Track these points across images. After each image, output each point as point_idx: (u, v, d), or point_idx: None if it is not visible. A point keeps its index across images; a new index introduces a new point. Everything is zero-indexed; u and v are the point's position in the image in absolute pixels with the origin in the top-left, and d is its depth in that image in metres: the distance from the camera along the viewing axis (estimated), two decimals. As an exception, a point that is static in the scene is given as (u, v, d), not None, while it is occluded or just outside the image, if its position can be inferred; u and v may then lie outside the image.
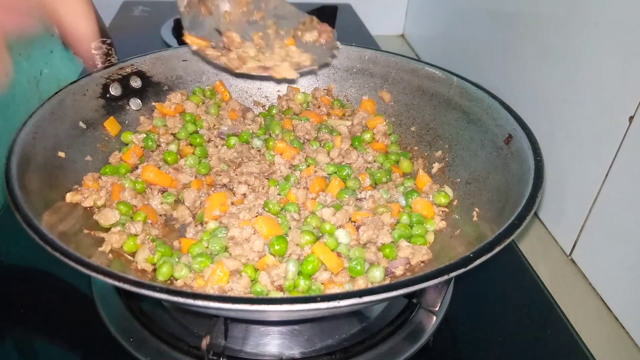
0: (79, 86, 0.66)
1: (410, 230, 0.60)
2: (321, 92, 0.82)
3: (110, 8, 1.43)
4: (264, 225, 0.55)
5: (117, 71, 0.71)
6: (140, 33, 1.29)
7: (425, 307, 0.59)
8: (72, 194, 0.58)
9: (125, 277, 0.40)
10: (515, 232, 0.46)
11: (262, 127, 0.77)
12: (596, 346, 0.62)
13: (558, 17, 0.80)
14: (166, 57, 0.76)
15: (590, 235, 0.75)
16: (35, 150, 0.56)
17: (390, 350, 0.55)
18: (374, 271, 0.53)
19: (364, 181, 0.68)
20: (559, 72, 0.79)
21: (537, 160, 0.54)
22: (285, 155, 0.71)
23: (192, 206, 0.65)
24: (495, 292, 0.69)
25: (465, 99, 0.69)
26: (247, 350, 0.55)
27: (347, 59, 0.81)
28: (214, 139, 0.75)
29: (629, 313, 0.68)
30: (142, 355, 0.53)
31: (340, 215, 0.59)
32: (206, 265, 0.52)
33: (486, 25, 1.04)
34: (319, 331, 0.57)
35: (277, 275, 0.52)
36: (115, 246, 0.55)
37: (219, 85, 0.80)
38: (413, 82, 0.76)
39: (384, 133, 0.75)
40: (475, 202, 0.60)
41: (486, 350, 0.60)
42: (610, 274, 0.71)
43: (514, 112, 0.62)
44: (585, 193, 0.74)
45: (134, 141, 0.69)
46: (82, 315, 0.60)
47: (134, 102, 0.73)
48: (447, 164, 0.69)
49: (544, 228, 0.85)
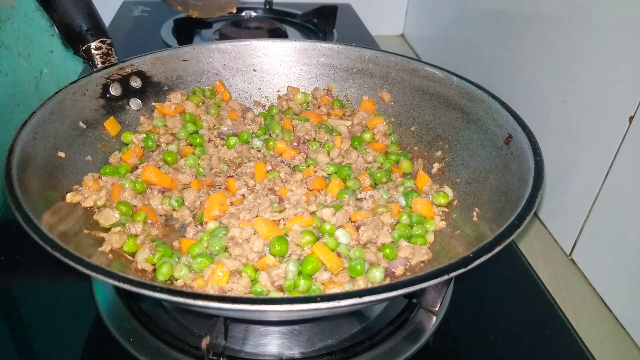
0: (79, 86, 0.66)
1: (410, 230, 0.60)
2: (321, 92, 0.82)
3: (110, 8, 1.43)
4: (264, 226, 0.55)
5: (117, 71, 0.71)
6: (140, 33, 1.30)
7: (425, 307, 0.59)
8: (73, 194, 0.58)
9: (125, 277, 0.40)
10: (515, 232, 0.45)
11: (262, 127, 0.77)
12: (596, 346, 0.62)
13: (558, 17, 0.80)
14: (166, 57, 0.76)
15: (590, 235, 0.75)
16: (35, 150, 0.56)
17: (390, 350, 0.55)
18: (374, 271, 0.53)
19: (364, 181, 0.68)
20: (559, 72, 0.79)
21: (537, 160, 0.54)
22: (285, 155, 0.71)
23: (192, 206, 0.65)
24: (495, 292, 0.69)
25: (465, 99, 0.69)
26: (247, 350, 0.55)
27: (347, 59, 0.81)
28: (214, 139, 0.75)
29: (629, 313, 0.68)
30: (142, 355, 0.53)
31: (340, 215, 0.59)
32: (206, 265, 0.52)
33: (486, 25, 1.04)
34: (319, 331, 0.57)
35: (277, 276, 0.52)
36: (115, 246, 0.55)
37: (219, 85, 0.80)
38: (413, 82, 0.76)
39: (384, 133, 0.75)
40: (475, 202, 0.60)
41: (486, 350, 0.60)
42: (610, 274, 0.71)
43: (514, 112, 0.62)
44: (585, 193, 0.74)
45: (134, 141, 0.69)
46: (82, 316, 0.60)
47: (134, 102, 0.73)
48: (447, 164, 0.69)
49: (544, 228, 0.85)
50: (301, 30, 1.35)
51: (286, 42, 0.82)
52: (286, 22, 1.38)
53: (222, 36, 1.20)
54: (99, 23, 0.70)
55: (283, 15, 1.41)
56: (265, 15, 1.42)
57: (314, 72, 0.83)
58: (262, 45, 0.82)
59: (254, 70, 0.82)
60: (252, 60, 0.82)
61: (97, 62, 0.70)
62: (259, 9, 1.43)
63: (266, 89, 0.84)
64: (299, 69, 0.83)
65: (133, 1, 1.49)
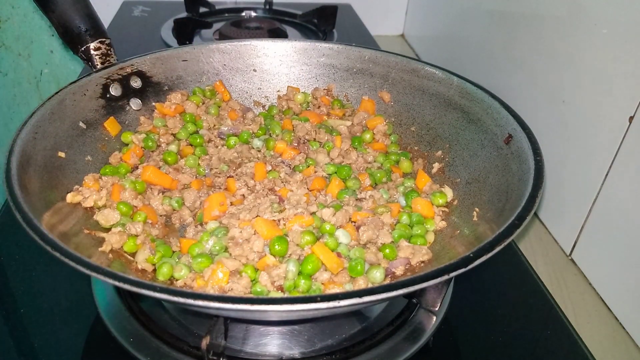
0: (79, 86, 0.66)
1: (410, 230, 0.60)
2: (321, 92, 0.82)
3: (110, 8, 1.43)
4: (264, 226, 0.55)
5: (117, 71, 0.71)
6: (140, 33, 1.30)
7: (425, 307, 0.59)
8: (73, 194, 0.58)
9: (125, 277, 0.40)
10: (515, 232, 0.45)
11: (262, 127, 0.77)
12: (596, 346, 0.62)
13: (558, 17, 0.80)
14: (166, 57, 0.76)
15: (590, 235, 0.75)
16: (35, 150, 0.56)
17: (390, 350, 0.55)
18: (374, 272, 0.53)
19: (364, 181, 0.68)
20: (559, 72, 0.79)
21: (537, 160, 0.54)
22: (285, 156, 0.71)
23: (192, 206, 0.65)
24: (495, 292, 0.69)
25: (465, 99, 0.69)
26: (247, 350, 0.55)
27: (347, 59, 0.81)
28: (214, 139, 0.75)
29: (629, 313, 0.68)
30: (142, 355, 0.53)
31: (340, 215, 0.59)
32: (206, 265, 0.52)
33: (486, 25, 1.04)
34: (319, 331, 0.57)
35: (277, 276, 0.52)
36: (116, 246, 0.55)
37: (219, 85, 0.80)
38: (413, 82, 0.76)
39: (384, 133, 0.75)
40: (475, 202, 0.60)
41: (486, 350, 0.60)
42: (610, 274, 0.71)
43: (514, 112, 0.62)
44: (585, 193, 0.74)
45: (134, 141, 0.69)
46: (82, 316, 0.60)
47: (134, 102, 0.73)
48: (447, 164, 0.69)
49: (544, 228, 0.85)
50: (301, 30, 1.35)
51: (286, 42, 0.82)
52: (286, 22, 1.38)
53: (222, 36, 1.20)
54: (97, 23, 0.70)
55: (283, 15, 1.42)
56: (265, 15, 1.42)
57: (314, 72, 0.83)
58: (262, 45, 0.82)
59: (254, 70, 0.82)
60: (252, 60, 0.82)
61: (96, 63, 0.70)
62: (259, 9, 1.43)
63: (266, 89, 0.84)
64: (299, 69, 0.83)
65: (133, 1, 1.49)
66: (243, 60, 0.82)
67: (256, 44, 0.82)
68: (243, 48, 0.81)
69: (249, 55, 0.82)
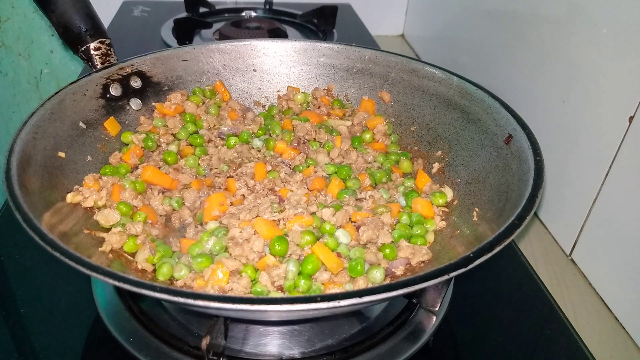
0: (79, 86, 0.66)
1: (410, 230, 0.60)
2: (321, 92, 0.82)
3: (110, 8, 1.43)
4: (264, 226, 0.55)
5: (117, 71, 0.71)
6: (140, 33, 1.30)
7: (425, 307, 0.59)
8: (73, 194, 0.58)
9: (125, 277, 0.40)
10: (515, 232, 0.45)
11: (262, 127, 0.77)
12: (596, 346, 0.62)
13: (558, 17, 0.80)
14: (166, 57, 0.76)
15: (590, 235, 0.75)
16: (35, 150, 0.56)
17: (390, 350, 0.55)
18: (374, 272, 0.53)
19: (364, 181, 0.68)
20: (559, 72, 0.79)
21: (537, 160, 0.54)
22: (285, 156, 0.71)
23: (192, 206, 0.65)
24: (495, 292, 0.69)
25: (465, 99, 0.69)
26: (247, 350, 0.55)
27: (347, 59, 0.81)
28: (214, 139, 0.75)
29: (629, 313, 0.68)
30: (142, 355, 0.53)
31: (340, 215, 0.59)
32: (206, 265, 0.52)
33: (486, 25, 1.04)
34: (319, 331, 0.57)
35: (277, 276, 0.52)
36: (116, 246, 0.55)
37: (219, 85, 0.80)
38: (413, 82, 0.76)
39: (384, 133, 0.75)
40: (475, 202, 0.60)
41: (486, 350, 0.60)
42: (610, 274, 0.71)
43: (514, 112, 0.62)
44: (585, 193, 0.74)
45: (134, 141, 0.69)
46: (82, 316, 0.60)
47: (134, 102, 0.73)
48: (447, 164, 0.69)
49: (544, 228, 0.85)
50: (301, 30, 1.35)
51: (286, 42, 0.82)
52: (286, 22, 1.38)
53: (222, 36, 1.21)
54: (97, 23, 0.70)
55: (283, 15, 1.42)
56: (265, 15, 1.43)
57: (314, 72, 0.83)
58: (262, 45, 0.82)
59: (254, 70, 0.82)
60: (252, 60, 0.82)
61: (96, 63, 0.70)
62: (259, 9, 1.43)
63: (266, 89, 0.84)
64: (299, 69, 0.83)
65: (133, 1, 1.49)
66: (243, 60, 0.82)
67: (256, 44, 0.82)
68: (243, 48, 0.81)
69: (249, 55, 0.82)
